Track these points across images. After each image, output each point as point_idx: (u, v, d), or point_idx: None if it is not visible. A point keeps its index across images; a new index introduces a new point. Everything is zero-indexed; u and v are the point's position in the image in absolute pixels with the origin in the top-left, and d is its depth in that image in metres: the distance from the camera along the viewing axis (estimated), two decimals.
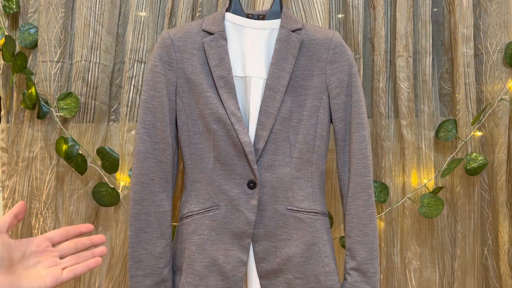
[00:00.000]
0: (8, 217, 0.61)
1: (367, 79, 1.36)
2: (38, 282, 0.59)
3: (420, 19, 1.33)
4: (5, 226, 0.60)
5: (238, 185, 1.00)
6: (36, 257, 0.62)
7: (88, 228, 0.70)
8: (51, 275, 0.61)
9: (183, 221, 1.04)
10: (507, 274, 1.29)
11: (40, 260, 0.63)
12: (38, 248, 0.63)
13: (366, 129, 1.05)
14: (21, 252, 0.61)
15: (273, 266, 1.00)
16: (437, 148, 1.36)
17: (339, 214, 1.36)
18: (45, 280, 0.60)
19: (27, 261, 0.61)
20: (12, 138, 1.36)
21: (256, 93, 1.03)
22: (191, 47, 1.05)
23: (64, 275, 0.63)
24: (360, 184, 1.03)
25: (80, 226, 0.70)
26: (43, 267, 0.62)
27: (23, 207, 0.63)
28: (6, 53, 1.28)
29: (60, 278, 0.62)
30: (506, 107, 1.29)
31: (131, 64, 1.31)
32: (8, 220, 0.61)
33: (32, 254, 0.62)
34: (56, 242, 0.67)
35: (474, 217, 1.33)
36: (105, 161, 1.28)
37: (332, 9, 1.38)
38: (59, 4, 1.32)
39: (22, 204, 0.63)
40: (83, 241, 0.69)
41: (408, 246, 1.31)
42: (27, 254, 0.61)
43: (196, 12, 1.32)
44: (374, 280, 0.99)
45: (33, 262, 0.62)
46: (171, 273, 1.04)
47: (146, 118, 1.02)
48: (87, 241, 0.69)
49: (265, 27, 1.07)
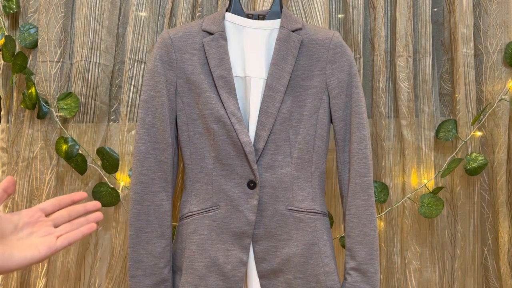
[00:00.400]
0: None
1: (367, 79, 1.36)
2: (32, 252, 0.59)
3: (420, 19, 1.33)
4: None
5: (238, 185, 1.00)
6: (29, 227, 0.62)
7: (81, 196, 0.70)
8: (44, 244, 0.61)
9: (183, 221, 1.04)
10: (507, 274, 1.29)
11: (33, 231, 0.62)
12: (31, 219, 0.63)
13: (366, 129, 1.05)
14: (13, 224, 0.61)
15: (273, 266, 1.00)
16: (437, 148, 1.36)
17: (339, 214, 1.36)
18: (39, 249, 0.60)
19: (20, 232, 0.61)
20: (12, 138, 1.36)
21: (256, 93, 1.03)
22: (191, 47, 1.05)
23: (58, 243, 0.62)
24: (360, 184, 1.03)
25: (73, 194, 0.69)
26: (37, 236, 0.62)
27: (12, 181, 0.62)
28: (6, 53, 1.28)
29: (55, 246, 0.62)
30: (506, 107, 1.29)
31: (131, 64, 1.31)
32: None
33: (25, 226, 0.62)
34: (49, 212, 0.66)
35: (474, 217, 1.33)
36: (105, 161, 1.28)
37: (332, 9, 1.38)
38: (59, 4, 1.32)
39: (10, 178, 0.62)
40: (76, 208, 0.68)
41: (408, 246, 1.31)
42: (20, 226, 0.61)
43: (196, 12, 1.32)
44: (374, 280, 0.99)
45: (26, 233, 0.62)
46: (171, 273, 1.04)
47: (146, 118, 1.02)
48: (81, 208, 0.68)
49: (265, 27, 1.07)
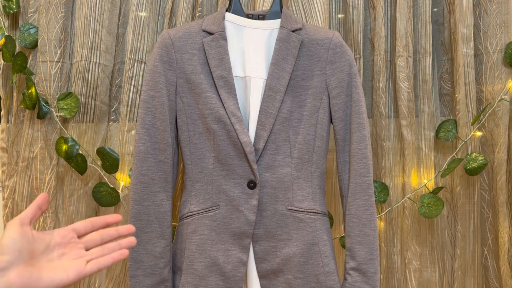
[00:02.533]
0: (32, 209, 0.60)
1: (367, 79, 1.36)
2: (60, 275, 0.58)
3: (420, 19, 1.33)
4: (27, 218, 0.59)
5: (238, 185, 1.00)
6: (60, 248, 0.61)
7: (115, 218, 0.68)
8: (74, 268, 0.60)
9: (183, 221, 1.04)
10: (507, 274, 1.29)
11: (64, 252, 0.61)
12: (63, 240, 0.62)
13: (366, 129, 1.05)
14: (45, 243, 0.60)
15: (273, 266, 1.00)
16: (437, 148, 1.36)
17: (339, 214, 1.36)
18: (68, 273, 0.59)
19: (51, 253, 0.60)
20: (12, 138, 1.36)
21: (256, 93, 1.03)
22: (191, 47, 1.05)
23: (88, 268, 0.61)
24: (360, 184, 1.03)
25: (107, 216, 0.68)
26: (68, 259, 0.61)
27: (46, 198, 0.62)
28: (6, 53, 1.28)
29: (84, 271, 0.60)
30: (506, 107, 1.29)
31: (131, 64, 1.31)
32: (31, 212, 0.60)
33: (56, 246, 0.61)
34: (82, 233, 0.65)
35: (474, 217, 1.33)
36: (105, 161, 1.28)
37: (332, 9, 1.38)
38: (59, 4, 1.32)
39: (44, 195, 0.62)
40: (109, 232, 0.67)
41: (408, 246, 1.31)
42: (51, 246, 0.61)
43: (196, 12, 1.32)
44: (374, 280, 0.99)
45: (57, 254, 0.61)
46: (171, 273, 1.04)
47: (146, 118, 1.02)
48: (114, 232, 0.67)
49: (265, 27, 1.07)
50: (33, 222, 0.61)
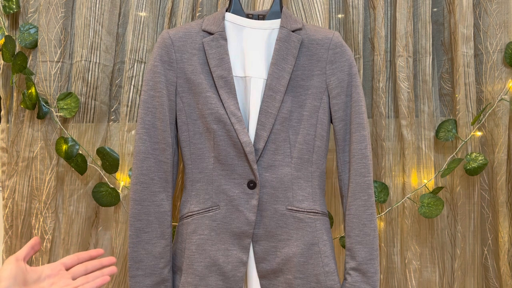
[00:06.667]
0: (26, 248, 0.73)
1: (367, 79, 1.36)
2: None
3: (420, 19, 1.33)
4: (22, 255, 0.71)
5: (238, 185, 1.00)
6: (50, 279, 0.72)
7: (98, 252, 0.80)
8: None
9: (183, 221, 1.04)
10: (507, 274, 1.29)
11: (54, 282, 0.72)
12: (53, 272, 0.73)
13: (366, 129, 1.05)
14: (37, 275, 0.71)
15: (273, 266, 1.00)
16: (437, 148, 1.36)
17: (339, 214, 1.36)
18: None
19: (42, 282, 0.71)
20: (12, 138, 1.36)
21: (256, 93, 1.03)
22: (191, 47, 1.05)
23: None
24: (360, 184, 1.03)
25: (91, 251, 0.80)
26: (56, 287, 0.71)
27: (38, 241, 0.75)
28: (6, 53, 1.28)
29: None
30: (506, 107, 1.29)
31: (131, 64, 1.31)
32: (26, 250, 0.73)
33: (47, 277, 0.72)
34: (69, 266, 0.76)
35: (474, 217, 1.33)
36: (105, 161, 1.28)
37: (332, 9, 1.38)
38: (59, 4, 1.32)
39: (36, 239, 0.75)
40: (93, 263, 0.78)
41: (408, 246, 1.31)
42: (43, 277, 0.72)
43: (196, 12, 1.32)
44: (374, 280, 0.99)
45: (47, 284, 0.71)
46: (171, 273, 1.04)
47: (146, 118, 1.02)
48: (97, 263, 0.78)
49: (265, 27, 1.07)
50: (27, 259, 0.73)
